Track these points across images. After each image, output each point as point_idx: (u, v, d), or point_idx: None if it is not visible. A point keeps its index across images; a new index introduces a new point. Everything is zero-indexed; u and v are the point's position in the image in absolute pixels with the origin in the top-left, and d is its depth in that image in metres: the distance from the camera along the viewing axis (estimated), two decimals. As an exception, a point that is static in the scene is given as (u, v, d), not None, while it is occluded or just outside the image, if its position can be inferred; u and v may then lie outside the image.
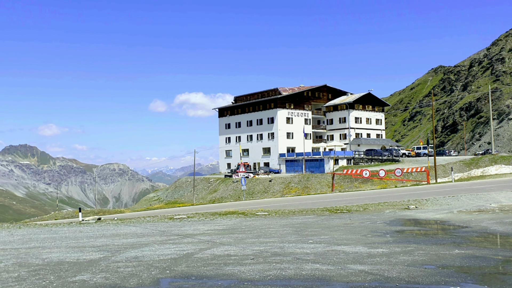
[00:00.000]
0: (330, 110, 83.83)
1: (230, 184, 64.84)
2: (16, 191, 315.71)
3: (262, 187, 59.39)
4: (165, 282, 7.31)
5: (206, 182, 71.92)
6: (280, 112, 76.88)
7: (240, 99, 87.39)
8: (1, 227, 18.43)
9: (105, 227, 16.86)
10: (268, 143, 77.85)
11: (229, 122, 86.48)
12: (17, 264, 9.21)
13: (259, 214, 19.79)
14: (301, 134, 75.68)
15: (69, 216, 51.70)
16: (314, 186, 56.01)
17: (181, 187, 77.10)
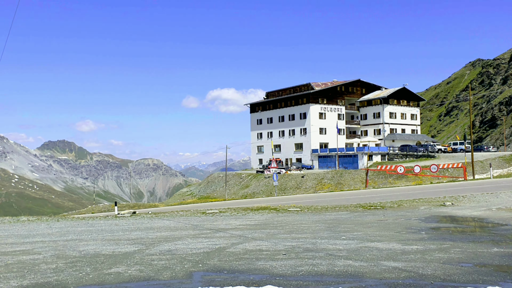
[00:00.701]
0: (364, 105, 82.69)
1: (262, 180, 64.96)
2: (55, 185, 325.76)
3: (294, 183, 59.23)
4: (198, 276, 7.37)
5: (238, 178, 72.27)
6: (312, 107, 76.36)
7: (272, 94, 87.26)
8: (40, 220, 19.05)
9: (139, 221, 17.18)
10: (301, 139, 77.48)
11: (261, 118, 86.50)
12: (55, 256, 9.48)
13: (291, 210, 19.74)
14: (334, 130, 74.95)
15: (105, 209, 53.01)
16: (347, 182, 55.45)
17: (213, 182, 77.76)
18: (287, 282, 6.77)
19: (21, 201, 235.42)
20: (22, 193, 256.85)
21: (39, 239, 12.35)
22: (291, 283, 6.71)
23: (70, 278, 7.31)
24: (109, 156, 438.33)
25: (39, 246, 11.00)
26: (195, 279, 7.16)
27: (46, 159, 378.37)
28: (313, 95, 76.88)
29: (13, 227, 15.89)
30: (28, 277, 7.41)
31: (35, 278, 7.37)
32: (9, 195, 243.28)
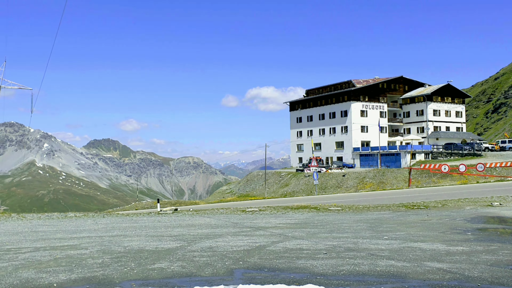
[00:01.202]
0: (407, 102, 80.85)
1: (301, 179, 64.68)
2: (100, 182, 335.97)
3: (335, 182, 58.68)
4: (239, 273, 7.44)
5: (278, 176, 72.26)
6: (354, 105, 75.33)
7: (312, 92, 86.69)
8: (86, 216, 19.72)
9: (181, 218, 17.49)
10: (341, 137, 76.63)
11: (301, 116, 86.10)
12: (101, 251, 9.79)
13: (332, 209, 19.57)
14: (376, 128, 73.65)
15: (148, 206, 54.26)
16: (389, 181, 54.42)
17: (253, 180, 78.08)
18: (328, 282, 6.73)
19: (68, 197, 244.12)
20: (69, 190, 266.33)
21: (86, 235, 12.79)
22: (332, 283, 6.67)
23: (116, 273, 7.54)
24: (151, 155, 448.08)
25: (86, 242, 11.39)
26: (236, 276, 7.23)
27: (92, 157, 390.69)
28: (354, 93, 75.82)
29: (61, 223, 16.51)
30: (75, 271, 7.69)
31: (82, 272, 7.63)
32: (56, 192, 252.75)
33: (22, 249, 10.30)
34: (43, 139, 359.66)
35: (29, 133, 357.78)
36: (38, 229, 14.39)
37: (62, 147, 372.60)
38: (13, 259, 8.88)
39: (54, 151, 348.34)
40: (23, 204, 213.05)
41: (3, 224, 16.28)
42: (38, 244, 11.01)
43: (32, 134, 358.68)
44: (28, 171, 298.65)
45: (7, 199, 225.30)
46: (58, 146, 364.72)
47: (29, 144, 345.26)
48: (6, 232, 13.81)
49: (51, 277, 7.28)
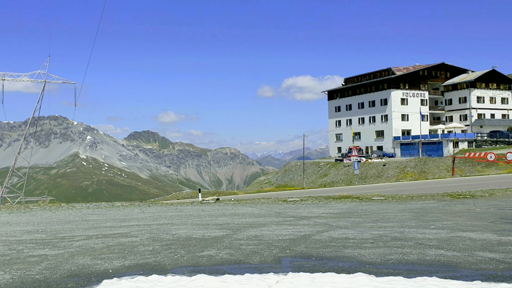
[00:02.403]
0: (449, 89, 78.54)
1: (341, 169, 64.15)
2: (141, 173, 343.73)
3: (375, 172, 57.90)
4: (286, 261, 7.52)
5: (316, 166, 71.92)
6: (394, 93, 73.84)
7: (350, 80, 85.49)
8: (133, 205, 20.29)
9: (224, 207, 17.75)
10: (381, 126, 75.35)
11: (339, 105, 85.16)
12: (151, 239, 10.10)
13: (375, 199, 19.38)
14: (417, 116, 72.00)
15: (188, 196, 55.21)
16: (431, 170, 53.22)
17: (291, 171, 78.01)
18: (378, 270, 6.71)
19: (111, 188, 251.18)
20: (111, 180, 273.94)
21: (135, 223, 13.19)
22: (382, 271, 6.65)
23: (167, 260, 7.77)
24: (189, 146, 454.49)
25: (135, 230, 11.75)
26: (284, 264, 7.31)
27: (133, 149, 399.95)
28: (394, 80, 74.28)
29: (109, 212, 17.08)
30: (128, 258, 7.97)
31: (135, 259, 7.90)
32: (100, 183, 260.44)
33: (76, 237, 10.75)
34: (86, 131, 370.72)
35: (73, 126, 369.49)
36: (89, 218, 14.95)
37: (104, 139, 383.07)
38: (69, 247, 9.28)
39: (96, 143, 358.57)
40: (68, 195, 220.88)
41: (55, 214, 16.99)
42: (90, 232, 11.45)
43: (75, 127, 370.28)
44: (72, 162, 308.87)
45: (53, 190, 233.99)
46: (100, 138, 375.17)
47: (72, 136, 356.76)
48: (58, 221, 14.42)
49: (106, 263, 7.57)
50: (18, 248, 9.18)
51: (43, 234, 11.27)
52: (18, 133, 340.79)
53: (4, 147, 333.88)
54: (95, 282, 6.25)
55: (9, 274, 6.84)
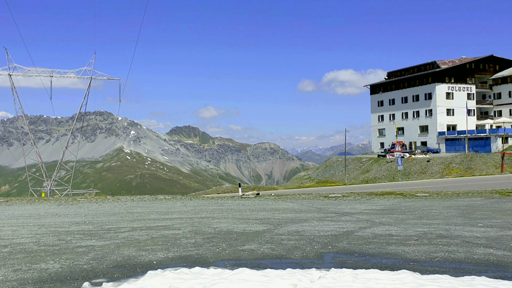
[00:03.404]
0: (498, 83, 75.41)
1: (383, 164, 62.97)
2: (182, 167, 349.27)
3: (419, 168, 56.51)
4: (329, 257, 7.45)
5: (358, 162, 70.88)
6: (438, 87, 71.64)
7: (393, 74, 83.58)
8: (175, 198, 20.65)
9: (264, 202, 17.78)
10: (426, 121, 73.34)
11: (382, 99, 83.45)
12: (193, 232, 10.24)
13: (419, 195, 18.91)
14: (463, 110, 69.61)
15: (228, 190, 55.65)
16: (478, 167, 51.41)
17: (332, 166, 77.22)
18: (423, 268, 6.54)
19: (154, 181, 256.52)
20: (154, 174, 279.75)
21: (177, 216, 13.42)
22: (427, 269, 6.48)
23: (209, 253, 7.85)
24: (229, 141, 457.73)
25: (178, 222, 11.95)
26: (326, 260, 7.25)
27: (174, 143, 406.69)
28: (439, 74, 72.05)
29: (153, 205, 17.46)
30: (172, 250, 8.11)
31: (178, 251, 8.03)
32: (143, 176, 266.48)
33: (121, 228, 11.04)
34: (130, 126, 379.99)
35: (117, 121, 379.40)
36: (133, 211, 15.33)
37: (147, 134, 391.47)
38: (114, 238, 9.54)
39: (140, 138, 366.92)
40: (113, 188, 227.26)
41: (101, 206, 17.53)
42: (135, 224, 11.73)
43: (119, 122, 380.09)
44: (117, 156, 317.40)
45: (99, 183, 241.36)
46: (143, 133, 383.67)
47: (117, 131, 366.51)
48: (104, 213, 14.86)
49: (150, 255, 7.73)
50: (66, 239, 9.51)
51: (90, 226, 11.64)
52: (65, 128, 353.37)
53: (52, 142, 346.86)
54: (140, 273, 6.39)
55: (58, 263, 7.10)
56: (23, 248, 8.46)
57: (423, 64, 76.91)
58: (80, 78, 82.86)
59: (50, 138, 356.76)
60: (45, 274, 6.40)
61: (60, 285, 5.79)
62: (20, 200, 21.25)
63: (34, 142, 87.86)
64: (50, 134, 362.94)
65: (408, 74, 78.74)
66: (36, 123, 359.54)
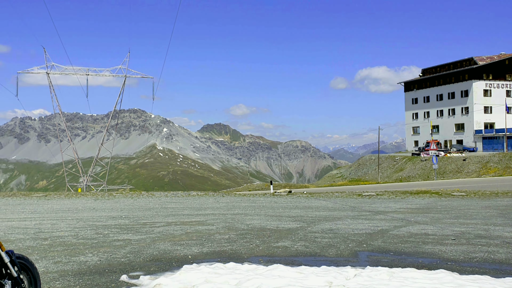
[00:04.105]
0: (540, 79, 72.77)
1: (418, 163, 61.76)
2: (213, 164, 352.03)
3: (454, 167, 55.16)
4: (363, 255, 7.37)
5: (391, 160, 69.77)
6: (476, 84, 69.68)
7: (428, 71, 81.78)
8: (207, 195, 20.84)
9: (296, 200, 17.73)
10: (462, 119, 71.48)
11: (416, 97, 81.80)
12: (226, 228, 10.31)
13: (455, 195, 18.46)
14: (502, 108, 67.45)
15: (259, 188, 55.75)
16: (517, 166, 49.74)
17: (365, 165, 76.29)
18: (461, 268, 6.39)
19: (185, 178, 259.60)
20: (186, 171, 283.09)
21: (210, 212, 13.55)
22: (466, 269, 6.33)
23: (243, 249, 7.89)
24: (260, 138, 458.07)
25: (211, 218, 12.06)
26: (361, 258, 7.18)
27: (205, 141, 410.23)
28: (476, 71, 70.06)
29: (186, 201, 17.68)
30: (206, 245, 8.19)
31: (212, 246, 8.11)
32: (175, 173, 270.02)
33: (156, 223, 11.22)
34: (163, 124, 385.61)
35: (150, 119, 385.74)
36: (168, 206, 15.56)
37: (179, 131, 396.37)
38: (150, 232, 9.71)
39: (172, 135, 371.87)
40: (146, 184, 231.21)
41: (136, 201, 17.87)
42: (170, 219, 11.91)
43: (152, 119, 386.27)
44: (150, 153, 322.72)
45: (133, 179, 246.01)
46: (175, 131, 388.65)
47: (150, 128, 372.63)
48: (140, 208, 15.15)
49: (185, 249, 7.83)
50: (104, 233, 9.74)
51: (126, 220, 11.88)
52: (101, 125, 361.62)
53: (88, 139, 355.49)
54: (176, 267, 6.48)
55: (96, 256, 7.28)
56: (62, 241, 8.72)
57: (460, 61, 74.99)
58: (115, 76, 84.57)
59: (86, 135, 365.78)
60: (84, 266, 6.57)
61: (99, 277, 5.93)
62: (58, 195, 21.89)
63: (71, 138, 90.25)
64: (86, 131, 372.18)
65: (444, 71, 76.91)
66: (72, 120, 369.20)
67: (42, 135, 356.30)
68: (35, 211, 14.26)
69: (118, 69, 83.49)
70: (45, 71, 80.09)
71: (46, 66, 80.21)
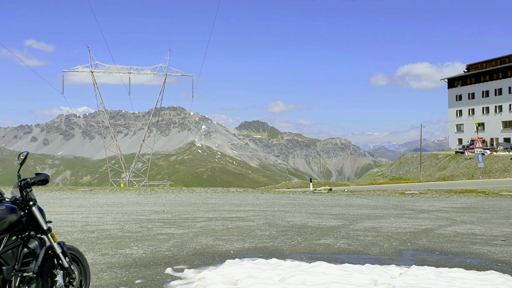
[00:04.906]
0: None
1: (461, 161, 59.91)
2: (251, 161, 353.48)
3: (501, 165, 53.16)
4: (408, 254, 7.21)
5: (434, 159, 67.97)
6: (524, 80, 66.89)
7: (473, 67, 79.09)
8: (247, 191, 20.94)
9: (337, 197, 17.55)
10: (509, 116, 68.77)
11: (461, 93, 79.28)
12: (267, 224, 10.32)
13: (504, 194, 17.80)
14: (552, 105, 64.51)
15: (297, 186, 55.56)
16: None
17: (406, 163, 74.66)
18: (513, 270, 6.15)
19: (223, 175, 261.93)
20: (224, 168, 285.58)
21: (250, 208, 13.60)
22: (518, 272, 6.08)
23: (284, 245, 7.87)
24: (298, 136, 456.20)
25: (251, 214, 12.10)
26: (406, 257, 7.02)
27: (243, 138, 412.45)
28: (525, 66, 67.25)
29: (226, 197, 17.82)
30: (247, 241, 8.22)
31: (254, 242, 8.13)
32: (213, 170, 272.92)
33: (198, 218, 11.37)
34: (201, 121, 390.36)
35: (190, 116, 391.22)
36: (208, 201, 15.74)
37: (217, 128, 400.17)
38: (192, 227, 9.84)
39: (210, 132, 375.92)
40: (185, 180, 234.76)
41: (177, 196, 18.16)
42: (210, 215, 12.04)
43: (191, 117, 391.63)
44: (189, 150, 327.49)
45: (172, 175, 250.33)
46: (214, 128, 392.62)
47: (189, 126, 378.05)
48: (181, 203, 15.38)
49: (227, 244, 7.89)
50: (148, 226, 9.95)
51: (168, 215, 12.10)
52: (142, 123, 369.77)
53: (130, 135, 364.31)
54: (219, 261, 6.54)
55: (141, 249, 7.44)
56: (108, 234, 8.96)
57: (507, 56, 72.12)
58: (156, 74, 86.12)
59: (128, 132, 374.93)
60: (130, 259, 6.72)
61: (144, 269, 6.05)
62: (103, 189, 22.53)
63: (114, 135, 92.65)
64: (128, 128, 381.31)
65: (490, 66, 74.19)
66: (115, 118, 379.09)
67: (86, 132, 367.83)
68: (82, 205, 14.73)
69: (159, 67, 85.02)
70: (89, 69, 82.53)
71: (91, 64, 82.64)
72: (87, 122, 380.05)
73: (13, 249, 3.71)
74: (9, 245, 3.67)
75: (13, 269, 3.66)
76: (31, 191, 3.98)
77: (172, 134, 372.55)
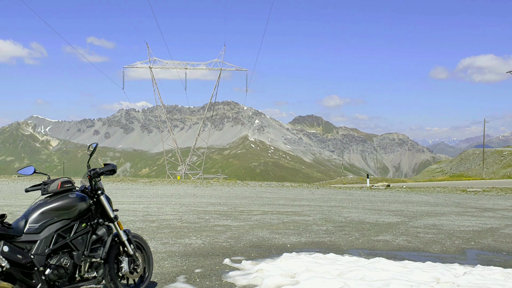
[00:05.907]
0: None
1: (528, 158, 56.83)
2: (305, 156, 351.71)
3: None
4: (472, 253, 6.93)
5: (498, 155, 64.79)
6: None
7: (543, 59, 74.54)
8: (301, 186, 20.88)
9: (395, 194, 17.14)
10: None
11: (528, 87, 75.02)
12: (323, 219, 10.24)
13: None
14: None
15: (353, 182, 54.74)
16: None
17: (467, 159, 71.65)
18: None
19: (276, 169, 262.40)
20: (277, 162, 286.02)
21: (305, 203, 13.56)
22: None
23: (342, 241, 7.78)
24: (354, 130, 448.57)
25: (307, 209, 12.06)
26: (470, 256, 6.75)
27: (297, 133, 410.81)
28: None
29: (280, 191, 17.87)
30: (304, 235, 8.19)
31: (310, 236, 8.09)
32: (266, 164, 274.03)
33: (253, 211, 11.46)
34: (254, 116, 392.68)
35: (243, 111, 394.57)
36: (262, 195, 15.83)
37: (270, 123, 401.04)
38: (248, 220, 9.94)
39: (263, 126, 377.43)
40: (239, 174, 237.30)
41: (232, 189, 18.41)
42: (266, 208, 12.10)
43: (245, 111, 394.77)
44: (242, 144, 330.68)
45: (226, 169, 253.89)
46: (267, 122, 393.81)
47: (243, 120, 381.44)
48: (236, 196, 15.58)
49: (283, 238, 7.90)
50: (205, 218, 10.15)
51: (224, 207, 12.28)
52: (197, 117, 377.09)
53: (186, 130, 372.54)
54: (276, 254, 6.56)
55: (200, 239, 7.60)
56: (168, 224, 9.22)
57: None
58: (211, 69, 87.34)
59: (183, 126, 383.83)
60: (189, 248, 6.89)
61: (203, 259, 6.18)
62: (162, 181, 23.23)
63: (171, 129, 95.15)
64: (184, 122, 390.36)
65: (562, 58, 69.56)
66: (172, 112, 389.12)
67: (145, 126, 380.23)
68: (142, 196, 15.25)
69: (214, 62, 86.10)
70: (148, 65, 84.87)
71: (149, 60, 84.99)
72: (145, 117, 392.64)
73: (83, 235, 3.90)
74: (79, 231, 3.86)
75: (83, 254, 3.84)
76: (100, 181, 4.16)
77: (225, 129, 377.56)
